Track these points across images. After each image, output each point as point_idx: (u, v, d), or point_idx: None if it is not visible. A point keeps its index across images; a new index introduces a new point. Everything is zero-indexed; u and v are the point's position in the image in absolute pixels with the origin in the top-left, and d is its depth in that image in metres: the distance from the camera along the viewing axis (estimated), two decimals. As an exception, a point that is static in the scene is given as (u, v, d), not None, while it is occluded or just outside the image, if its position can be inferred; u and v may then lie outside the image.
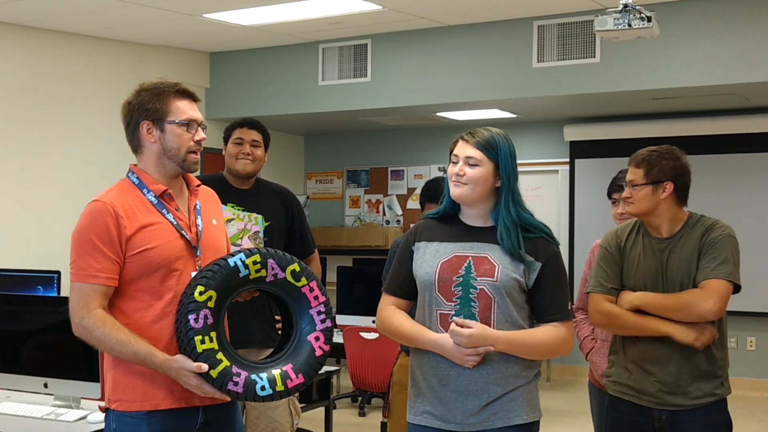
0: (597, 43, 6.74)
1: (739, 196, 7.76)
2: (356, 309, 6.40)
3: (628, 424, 3.05)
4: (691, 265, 2.96)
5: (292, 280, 2.54)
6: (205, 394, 2.42)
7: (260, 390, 2.43)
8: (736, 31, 6.37)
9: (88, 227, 2.44)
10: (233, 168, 3.72)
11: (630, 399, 3.04)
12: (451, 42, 7.38)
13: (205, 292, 2.41)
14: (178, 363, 2.37)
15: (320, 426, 4.95)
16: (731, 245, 2.95)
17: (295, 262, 2.55)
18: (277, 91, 8.20)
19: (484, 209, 2.62)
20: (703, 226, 3.01)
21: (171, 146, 2.53)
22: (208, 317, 2.40)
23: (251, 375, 2.44)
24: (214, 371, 2.37)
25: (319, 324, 2.55)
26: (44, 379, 3.53)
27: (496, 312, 2.54)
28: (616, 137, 8.18)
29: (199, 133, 2.56)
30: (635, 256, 3.05)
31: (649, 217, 3.03)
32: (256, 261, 2.49)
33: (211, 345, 2.39)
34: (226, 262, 2.46)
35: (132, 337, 2.39)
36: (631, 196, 3.02)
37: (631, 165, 3.08)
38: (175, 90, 2.56)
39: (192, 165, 2.57)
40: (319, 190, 10.08)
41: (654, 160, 3.02)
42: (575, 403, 7.17)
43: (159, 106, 2.53)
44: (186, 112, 2.54)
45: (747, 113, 7.73)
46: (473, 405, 2.54)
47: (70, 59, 7.31)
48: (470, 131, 2.63)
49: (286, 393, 2.49)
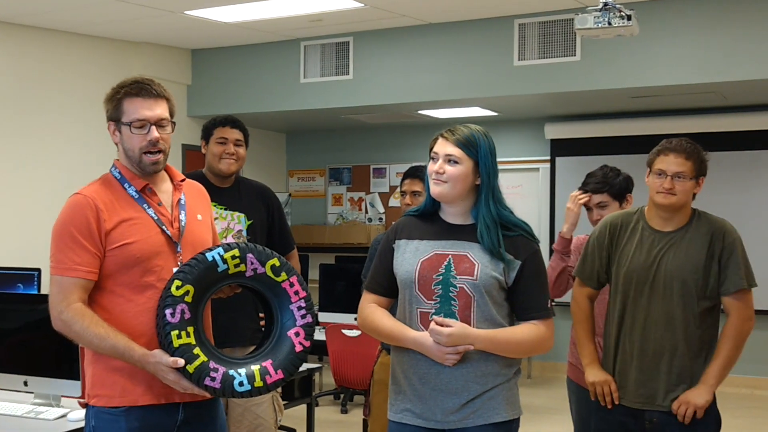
0: (578, 41, 6.78)
1: (717, 194, 7.81)
2: (338, 306, 6.40)
3: (616, 425, 3.07)
4: (696, 266, 2.95)
5: (272, 275, 2.51)
6: (185, 390, 2.41)
7: (238, 386, 2.41)
8: (715, 31, 6.42)
9: (68, 220, 2.43)
10: (216, 167, 3.69)
11: (620, 402, 3.05)
12: (433, 40, 7.39)
13: (182, 286, 2.40)
14: (155, 358, 2.37)
15: (302, 423, 4.95)
16: (743, 247, 3.01)
17: (275, 257, 2.53)
18: (259, 89, 8.19)
19: (464, 207, 2.63)
20: (709, 225, 3.01)
21: (126, 147, 2.51)
22: (185, 312, 2.39)
23: (229, 371, 2.42)
24: (190, 366, 2.36)
25: (300, 319, 2.52)
26: (24, 377, 3.51)
27: (475, 310, 2.54)
28: (597, 135, 8.24)
29: (152, 132, 2.47)
30: (630, 247, 3.05)
31: (678, 211, 3.01)
32: (235, 255, 2.47)
33: (188, 340, 2.38)
34: (204, 256, 2.45)
35: (111, 331, 2.38)
36: (674, 187, 2.95)
37: (675, 156, 2.96)
38: (128, 90, 2.48)
39: (148, 166, 2.51)
40: (302, 188, 10.08)
41: (697, 153, 3.00)
42: (556, 399, 7.21)
43: (113, 107, 2.50)
44: (137, 111, 2.47)
45: (725, 112, 7.80)
46: (453, 403, 2.55)
47: (50, 56, 7.26)
48: (450, 128, 2.63)
49: (265, 389, 2.47)
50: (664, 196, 2.96)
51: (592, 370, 3.10)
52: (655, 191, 2.99)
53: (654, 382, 2.99)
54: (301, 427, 5.18)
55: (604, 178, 3.61)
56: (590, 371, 3.11)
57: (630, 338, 3.02)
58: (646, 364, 3.00)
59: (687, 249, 2.98)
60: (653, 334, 2.99)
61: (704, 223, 3.02)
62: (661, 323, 2.98)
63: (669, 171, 2.96)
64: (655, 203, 3.02)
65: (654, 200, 3.02)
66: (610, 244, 3.10)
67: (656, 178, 2.99)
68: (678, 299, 2.96)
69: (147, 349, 2.39)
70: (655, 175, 3.00)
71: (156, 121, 2.49)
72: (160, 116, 2.50)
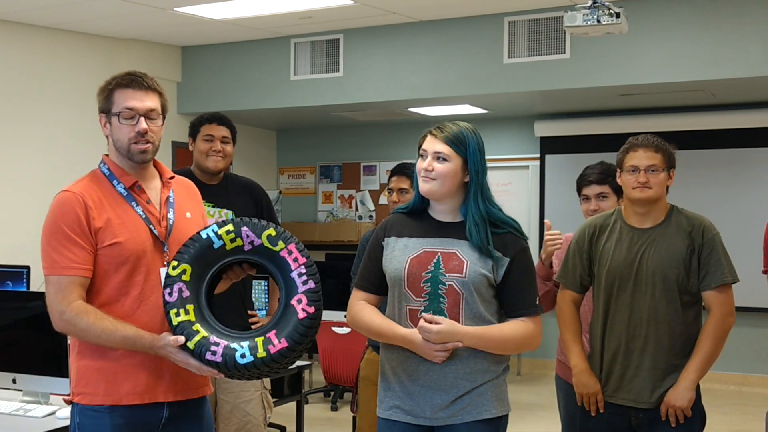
0: (567, 39, 6.79)
1: (705, 191, 7.85)
2: (328, 304, 6.32)
3: (603, 423, 3.08)
4: (677, 260, 2.98)
5: (269, 245, 2.44)
6: (198, 371, 2.37)
7: (240, 358, 2.34)
8: (704, 29, 6.45)
9: (58, 218, 2.40)
10: (203, 165, 3.69)
11: (605, 399, 3.06)
12: (423, 37, 7.40)
13: (178, 266, 2.40)
14: (163, 341, 2.35)
15: (292, 421, 4.95)
16: (722, 243, 3.03)
17: (270, 227, 2.46)
18: (249, 86, 8.17)
19: (453, 204, 2.63)
20: (688, 221, 3.04)
21: (116, 138, 2.49)
22: (183, 290, 2.38)
23: (231, 344, 2.37)
24: (191, 342, 2.34)
25: (301, 286, 2.42)
26: (13, 374, 3.50)
27: (464, 308, 2.55)
28: (586, 133, 8.25)
29: (140, 123, 2.45)
30: (610, 246, 3.08)
31: (654, 204, 3.04)
32: (230, 230, 2.43)
33: (187, 317, 2.37)
34: (198, 235, 2.44)
35: (118, 323, 2.36)
36: (648, 180, 3.00)
37: (644, 150, 3.02)
38: (120, 81, 2.47)
39: (136, 155, 2.48)
40: (292, 186, 10.07)
41: (665, 146, 3.05)
42: (545, 396, 7.23)
43: (104, 98, 2.49)
44: (127, 102, 2.45)
45: (714, 110, 7.82)
46: (442, 400, 2.56)
47: (39, 53, 7.23)
48: (439, 126, 2.63)
49: (269, 359, 2.36)
50: (640, 190, 3.01)
51: (581, 379, 3.11)
52: (630, 187, 3.04)
53: (640, 379, 3.01)
54: (290, 425, 5.18)
55: (605, 170, 3.65)
56: (578, 380, 3.12)
57: (616, 336, 3.04)
58: (631, 361, 3.02)
59: (667, 244, 3.01)
60: (638, 331, 3.01)
61: (683, 218, 3.06)
62: (645, 319, 3.00)
63: (642, 165, 3.01)
64: (631, 199, 3.07)
65: (630, 196, 3.06)
66: (590, 246, 3.12)
67: (630, 175, 3.04)
68: (661, 294, 2.99)
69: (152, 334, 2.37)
70: (628, 172, 3.05)
71: (145, 112, 2.47)
72: (149, 107, 2.48)
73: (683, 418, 2.96)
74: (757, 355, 7.88)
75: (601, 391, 3.07)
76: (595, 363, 3.11)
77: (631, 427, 3.04)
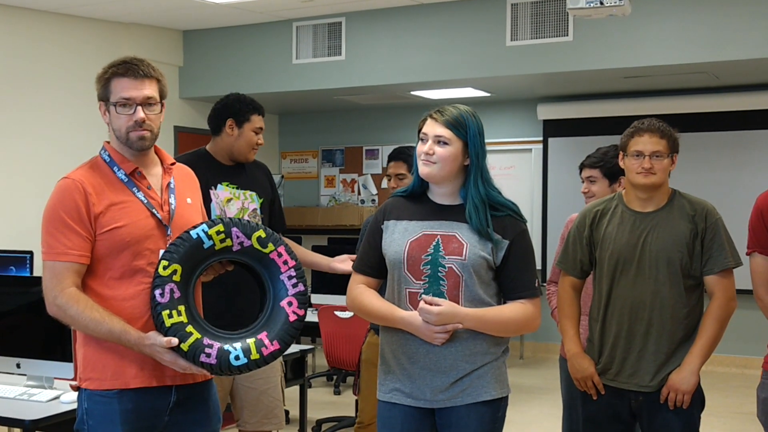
0: (570, 21, 6.77)
1: (708, 173, 7.84)
2: (331, 288, 6.40)
3: (604, 405, 3.09)
4: (680, 244, 2.98)
5: (259, 247, 2.50)
6: (183, 370, 2.41)
7: (234, 360, 2.41)
8: (707, 11, 6.42)
9: (57, 205, 2.43)
10: (243, 154, 3.51)
11: (606, 383, 3.08)
12: (425, 20, 7.37)
13: (169, 266, 2.41)
14: (150, 340, 2.38)
15: (295, 404, 4.97)
16: (725, 227, 3.04)
17: (260, 229, 2.51)
18: (251, 70, 8.16)
19: (452, 187, 2.64)
20: (690, 205, 3.03)
21: (114, 127, 2.51)
22: (175, 291, 2.40)
23: (224, 346, 2.42)
24: (184, 344, 2.37)
25: (291, 289, 2.51)
26: (17, 359, 3.52)
27: (464, 290, 2.56)
28: (589, 116, 8.23)
29: (138, 112, 2.46)
30: (612, 230, 3.07)
31: (657, 190, 3.03)
32: (220, 231, 2.46)
33: (180, 318, 2.39)
34: (188, 234, 2.45)
35: (106, 315, 2.38)
36: (653, 167, 2.98)
37: (649, 135, 3.00)
38: (116, 70, 2.48)
39: (135, 142, 2.49)
40: (294, 170, 10.07)
41: (670, 132, 3.04)
42: (548, 379, 7.25)
43: (102, 87, 2.50)
44: (123, 91, 2.46)
45: (717, 92, 7.79)
46: (442, 382, 2.57)
47: (40, 37, 7.22)
48: (438, 109, 2.63)
49: (262, 361, 2.45)
50: (644, 176, 2.99)
51: (574, 363, 3.13)
52: (634, 172, 3.02)
53: (642, 363, 3.01)
54: (294, 409, 5.20)
55: (603, 155, 3.68)
56: (572, 364, 3.14)
57: (618, 319, 3.04)
58: (633, 344, 3.02)
59: (671, 228, 3.00)
60: (640, 315, 3.00)
61: (685, 202, 3.05)
62: (648, 303, 2.99)
63: (646, 151, 2.99)
64: (634, 184, 3.05)
65: (633, 181, 3.04)
66: (590, 231, 3.12)
67: (634, 160, 3.02)
68: (665, 278, 2.98)
69: (143, 332, 2.40)
70: (632, 156, 3.03)
71: (142, 101, 2.48)
72: (146, 96, 2.48)
73: (685, 403, 2.97)
74: (759, 338, 7.87)
75: (596, 374, 3.07)
76: (594, 346, 3.12)
77: (631, 409, 3.05)
